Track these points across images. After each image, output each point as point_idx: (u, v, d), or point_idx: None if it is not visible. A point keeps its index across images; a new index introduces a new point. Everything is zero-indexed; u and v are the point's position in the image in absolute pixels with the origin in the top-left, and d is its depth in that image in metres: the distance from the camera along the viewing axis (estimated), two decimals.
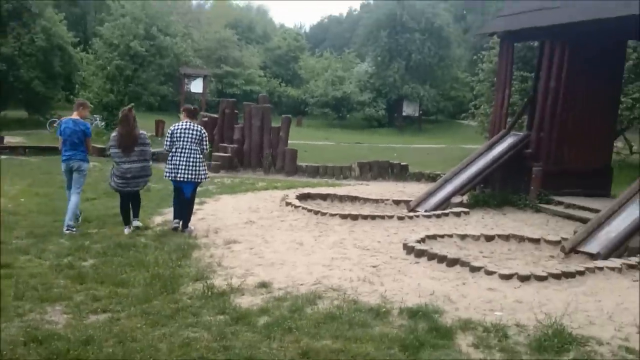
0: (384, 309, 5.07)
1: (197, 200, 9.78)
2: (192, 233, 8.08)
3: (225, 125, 16.67)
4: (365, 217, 8.96)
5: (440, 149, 29.75)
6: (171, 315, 4.88)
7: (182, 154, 8.10)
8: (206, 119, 16.92)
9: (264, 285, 5.77)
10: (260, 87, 49.34)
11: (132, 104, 9.18)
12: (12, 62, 26.22)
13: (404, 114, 46.89)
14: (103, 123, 24.11)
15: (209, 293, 5.44)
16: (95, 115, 24.81)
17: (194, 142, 8.15)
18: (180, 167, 8.11)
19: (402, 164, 15.35)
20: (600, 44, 10.72)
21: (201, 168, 8.25)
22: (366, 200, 10.99)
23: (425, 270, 6.37)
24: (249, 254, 7.05)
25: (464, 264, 6.37)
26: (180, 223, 8.21)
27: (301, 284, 5.84)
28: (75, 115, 8.40)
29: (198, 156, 8.18)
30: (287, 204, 9.93)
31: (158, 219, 9.04)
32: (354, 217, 8.92)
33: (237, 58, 51.29)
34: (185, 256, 6.81)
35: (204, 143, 8.28)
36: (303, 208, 9.48)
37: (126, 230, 8.13)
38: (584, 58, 10.70)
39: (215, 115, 17.22)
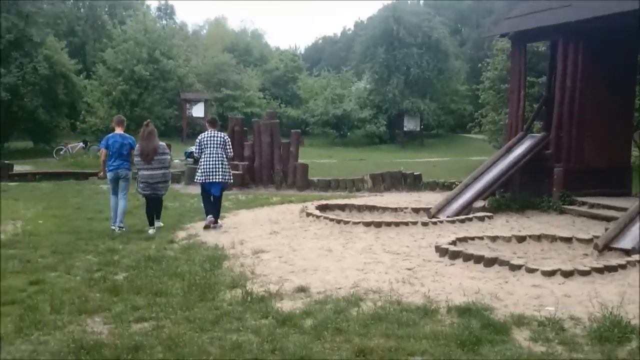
0: (432, 308, 4.96)
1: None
2: (221, 229, 9.18)
3: (235, 142, 16.57)
4: (389, 224, 8.87)
5: (445, 161, 29.65)
6: (215, 321, 4.76)
7: (211, 159, 9.18)
8: None
9: (302, 289, 5.67)
10: (261, 108, 49.30)
11: (149, 119, 10.42)
12: (15, 91, 26.27)
13: (405, 129, 46.64)
14: None
15: (249, 299, 5.34)
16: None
17: (219, 147, 9.28)
18: (210, 170, 9.16)
19: (415, 173, 15.28)
20: (614, 41, 10.73)
21: (227, 170, 9.31)
22: (384, 209, 10.89)
23: (462, 271, 6.26)
24: (278, 262, 6.95)
25: (502, 263, 6.27)
26: (212, 218, 9.23)
27: (339, 288, 5.73)
28: (119, 131, 9.48)
29: (224, 160, 9.26)
30: (308, 214, 9.83)
31: (181, 234, 8.94)
32: (378, 225, 8.83)
33: (236, 81, 51.37)
34: (217, 266, 6.70)
35: (228, 147, 9.38)
36: (325, 218, 9.38)
37: (150, 231, 9.05)
38: (598, 55, 10.71)
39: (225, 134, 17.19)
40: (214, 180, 9.17)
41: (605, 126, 10.86)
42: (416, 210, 10.82)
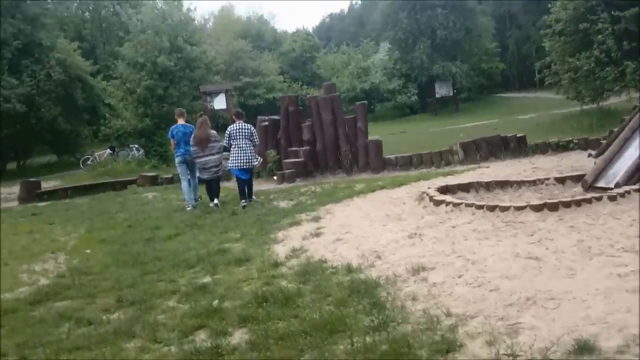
0: None
1: (309, 217, 8.36)
2: (257, 201, 10.32)
3: (290, 125, 14.18)
4: (567, 205, 6.40)
5: (499, 123, 26.68)
6: None
7: (240, 149, 10.16)
8: (266, 122, 14.50)
9: (584, 347, 3.23)
10: (282, 93, 46.93)
11: (202, 112, 12.68)
12: (31, 102, 24.03)
13: (437, 95, 43.69)
14: (142, 151, 21.78)
15: None
16: (131, 145, 22.59)
17: (247, 138, 10.26)
18: (240, 159, 10.16)
19: (518, 136, 12.69)
20: None
21: (253, 156, 10.38)
22: (520, 183, 8.46)
23: None
24: (467, 286, 4.53)
25: None
26: (247, 201, 10.15)
27: None
28: (181, 121, 10.71)
29: (251, 148, 10.31)
30: (438, 202, 7.40)
31: (280, 250, 6.58)
32: (553, 207, 6.37)
33: (254, 67, 48.95)
34: (377, 304, 4.32)
35: (255, 137, 10.46)
36: (467, 205, 6.94)
37: (211, 205, 10.27)
38: None
39: (277, 117, 14.79)
40: (244, 167, 10.17)
41: None
42: (561, 181, 8.38)
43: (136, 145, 22.17)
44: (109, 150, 23.13)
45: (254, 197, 10.55)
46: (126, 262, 6.91)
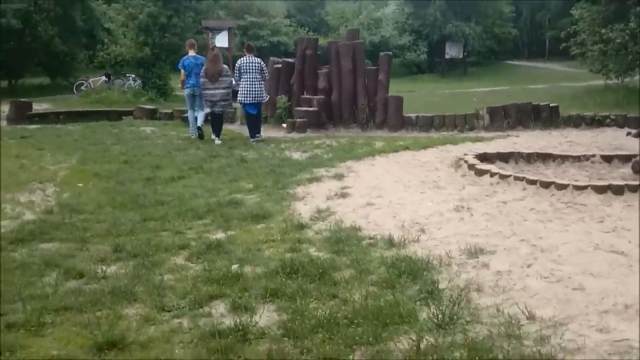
0: None
1: (329, 173, 7.56)
2: (262, 137, 10.53)
3: (306, 71, 13.13)
4: (633, 189, 5.62)
5: (510, 90, 25.64)
6: None
7: (250, 82, 10.20)
8: (279, 64, 13.46)
9: None
10: (287, 37, 45.31)
11: (214, 44, 13.28)
12: (27, 19, 22.65)
13: (446, 56, 42.34)
14: (138, 82, 20.64)
15: None
16: (128, 75, 21.43)
17: (257, 72, 10.28)
18: (249, 92, 10.23)
19: (551, 105, 11.79)
20: None
21: (263, 91, 10.52)
22: (563, 158, 7.66)
23: None
24: (541, 280, 3.74)
25: None
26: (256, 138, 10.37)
27: None
28: (192, 53, 10.80)
29: (261, 83, 10.37)
30: (481, 172, 6.59)
31: (303, 209, 5.76)
32: (618, 190, 5.59)
33: (260, 7, 47.10)
34: (433, 292, 3.54)
35: (264, 72, 10.53)
36: (517, 178, 6.14)
37: (215, 142, 10.19)
38: None
39: (291, 60, 13.74)
40: (251, 101, 10.26)
41: None
42: (607, 159, 7.58)
43: (133, 75, 21.00)
44: (104, 78, 21.96)
45: (261, 135, 10.59)
46: (124, 203, 6.09)
